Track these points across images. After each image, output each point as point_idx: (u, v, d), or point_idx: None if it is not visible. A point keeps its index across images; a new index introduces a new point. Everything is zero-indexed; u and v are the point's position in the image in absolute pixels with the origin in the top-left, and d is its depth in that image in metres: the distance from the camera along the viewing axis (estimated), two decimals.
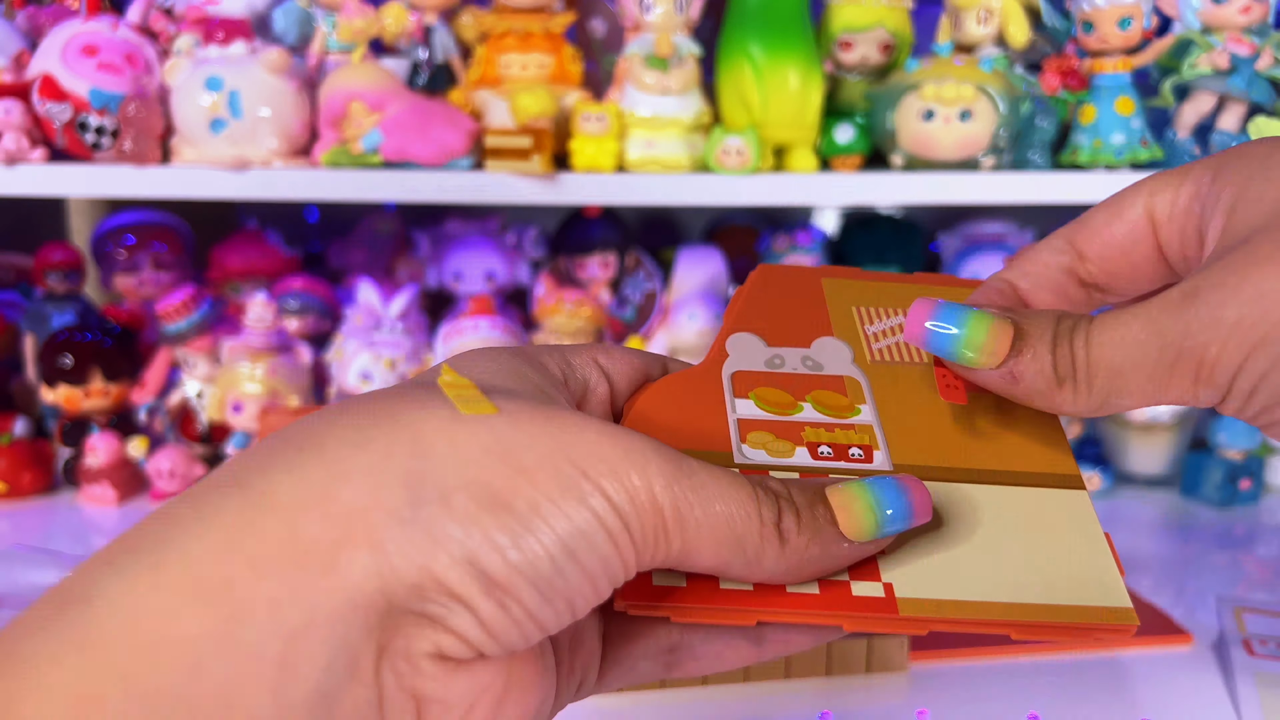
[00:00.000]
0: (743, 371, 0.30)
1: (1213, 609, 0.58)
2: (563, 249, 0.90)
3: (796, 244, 0.87)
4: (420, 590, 0.20)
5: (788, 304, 0.32)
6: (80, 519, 0.76)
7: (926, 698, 0.49)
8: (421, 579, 0.20)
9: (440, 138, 0.71)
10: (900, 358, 0.31)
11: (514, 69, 0.77)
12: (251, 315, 0.76)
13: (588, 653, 0.26)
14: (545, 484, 0.21)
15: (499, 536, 0.20)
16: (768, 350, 0.31)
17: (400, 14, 0.76)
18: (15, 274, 0.99)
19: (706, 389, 0.29)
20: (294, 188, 0.73)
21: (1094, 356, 0.25)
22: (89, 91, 0.72)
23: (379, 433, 0.21)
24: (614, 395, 0.28)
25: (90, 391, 0.78)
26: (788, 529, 0.23)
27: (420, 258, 0.92)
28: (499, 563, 0.20)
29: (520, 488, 0.21)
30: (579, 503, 0.21)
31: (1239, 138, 0.75)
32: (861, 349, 0.31)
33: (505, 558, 0.20)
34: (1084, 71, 0.76)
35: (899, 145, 0.74)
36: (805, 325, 0.32)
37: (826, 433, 0.28)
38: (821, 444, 0.28)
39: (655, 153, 0.74)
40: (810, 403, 0.29)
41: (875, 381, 0.30)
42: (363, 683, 0.19)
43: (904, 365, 0.31)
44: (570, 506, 0.21)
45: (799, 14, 0.74)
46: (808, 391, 0.29)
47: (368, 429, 0.21)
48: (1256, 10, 0.72)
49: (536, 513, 0.20)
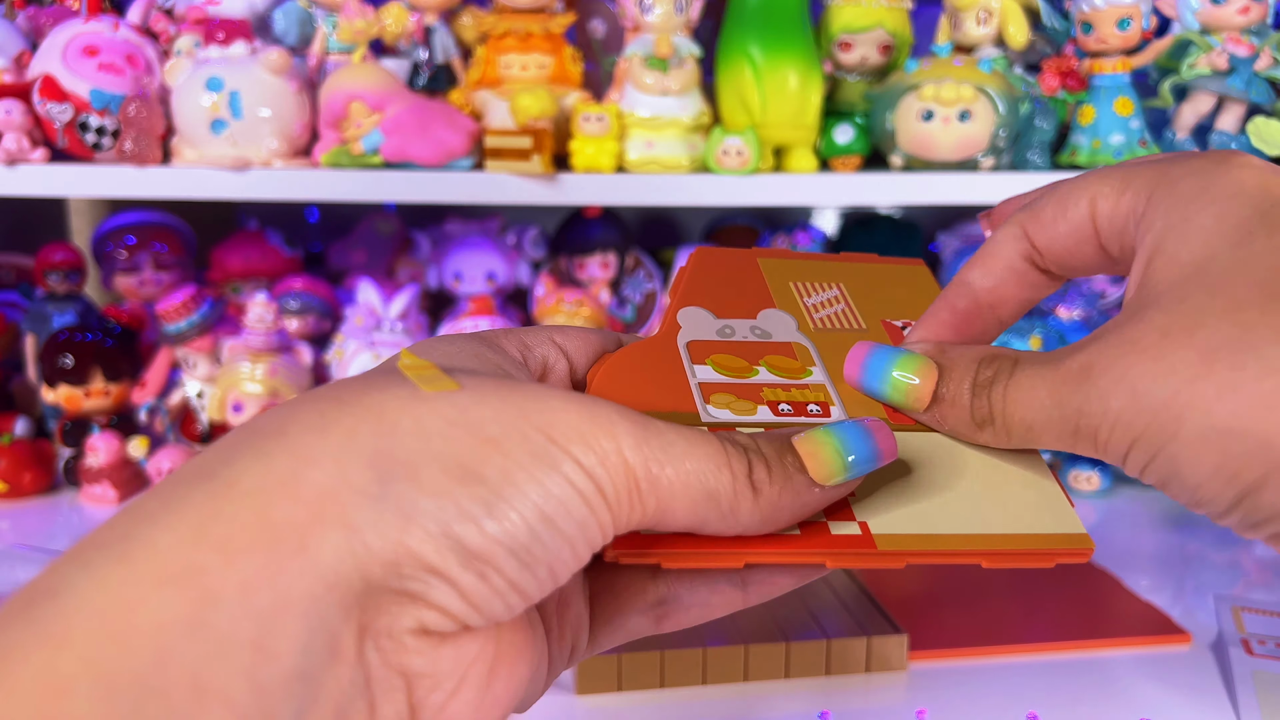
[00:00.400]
0: (697, 341, 0.31)
1: (1211, 608, 0.59)
2: (563, 249, 0.90)
3: (796, 244, 0.87)
4: (397, 567, 0.20)
5: (729, 281, 0.34)
6: (81, 519, 0.76)
7: (925, 697, 0.49)
8: (397, 555, 0.20)
9: (440, 138, 0.71)
10: (842, 325, 0.33)
11: (514, 69, 0.77)
12: (252, 315, 0.76)
13: (575, 616, 0.26)
14: (515, 453, 0.21)
15: (473, 507, 0.20)
16: (717, 322, 0.32)
17: (401, 15, 0.76)
18: (16, 274, 0.99)
19: (665, 357, 0.30)
20: (294, 188, 0.73)
21: (1009, 411, 0.26)
22: (90, 92, 0.73)
23: (342, 415, 0.21)
24: (573, 371, 0.29)
25: (91, 391, 0.79)
26: (759, 480, 0.23)
27: (421, 258, 0.92)
28: (475, 533, 0.20)
29: (490, 457, 0.21)
30: (551, 469, 0.21)
31: (1238, 138, 0.75)
32: (804, 319, 0.33)
33: (481, 528, 0.20)
34: (1083, 72, 0.76)
35: (898, 146, 0.74)
36: (749, 299, 0.33)
37: (784, 392, 0.30)
38: (780, 402, 0.29)
39: (655, 153, 0.74)
40: (765, 366, 0.31)
41: (822, 347, 0.32)
42: (346, 663, 0.19)
43: (847, 332, 0.33)
44: (542, 473, 0.21)
45: (798, 15, 0.74)
46: (761, 356, 0.31)
47: (331, 413, 0.21)
48: (1255, 11, 0.72)
49: (509, 481, 0.20)
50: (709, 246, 0.35)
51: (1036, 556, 0.27)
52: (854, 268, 0.35)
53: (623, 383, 0.29)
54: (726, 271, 0.34)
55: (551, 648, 0.25)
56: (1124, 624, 0.56)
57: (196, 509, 0.19)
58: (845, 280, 0.35)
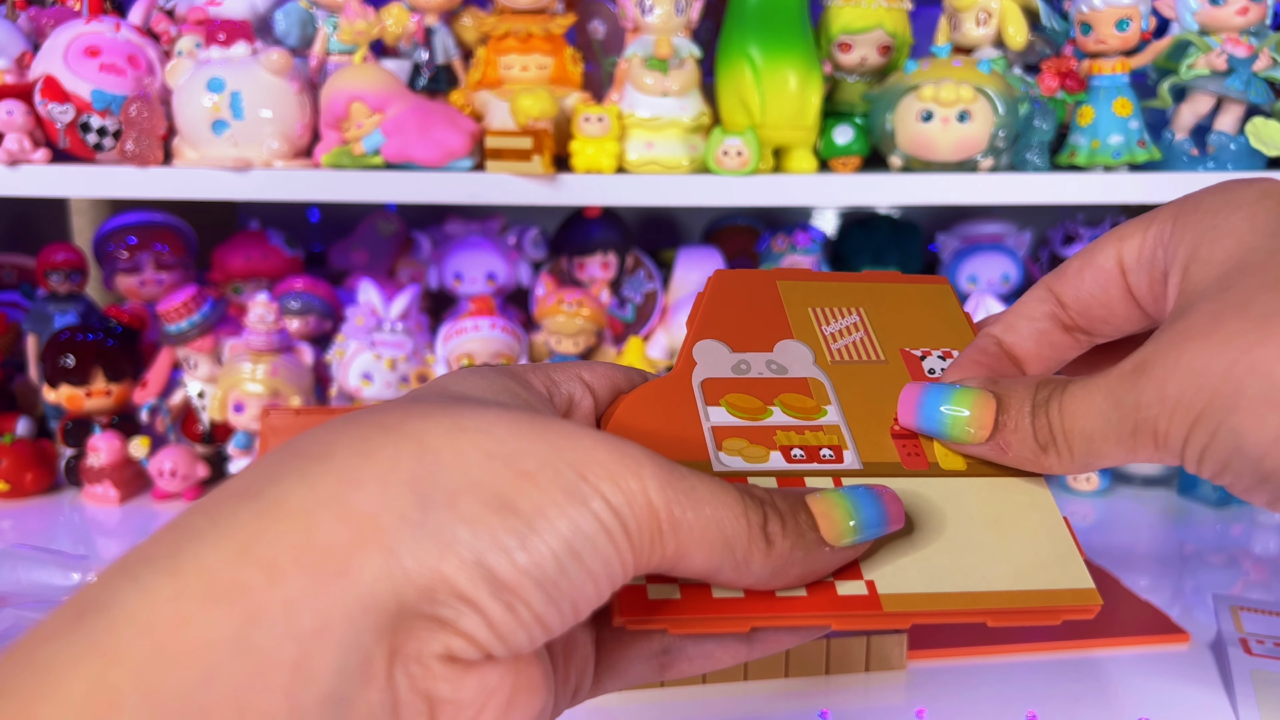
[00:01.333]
0: (712, 379, 0.31)
1: (1210, 608, 0.59)
2: (563, 249, 0.90)
3: (796, 245, 0.88)
4: (431, 592, 0.20)
5: (747, 308, 0.33)
6: (82, 518, 0.76)
7: (924, 697, 0.50)
8: (432, 581, 0.20)
9: (441, 139, 0.71)
10: (858, 357, 0.32)
11: (514, 70, 0.77)
12: (253, 315, 0.76)
13: (581, 659, 0.26)
14: (548, 487, 0.21)
15: (506, 538, 0.20)
16: (733, 356, 0.32)
17: (401, 15, 0.76)
18: (18, 274, 0.99)
19: (679, 398, 0.30)
20: (295, 189, 0.73)
21: (1068, 425, 0.26)
22: (91, 93, 0.73)
23: (385, 441, 0.21)
24: (598, 408, 0.29)
25: (92, 391, 0.79)
26: (773, 533, 0.24)
27: (421, 258, 0.93)
28: (507, 564, 0.20)
29: (524, 490, 0.21)
30: (581, 505, 0.21)
31: (1236, 139, 0.75)
32: (821, 350, 0.32)
33: (513, 559, 0.20)
34: (1082, 73, 0.76)
35: (897, 146, 0.74)
36: (766, 329, 0.33)
37: (797, 435, 0.29)
38: (794, 447, 0.29)
39: (655, 154, 0.74)
40: (779, 406, 0.30)
41: (837, 382, 0.31)
42: (376, 686, 0.20)
43: (863, 364, 0.32)
44: (573, 509, 0.21)
45: (798, 15, 0.74)
46: (775, 395, 0.30)
47: (375, 439, 0.21)
48: (1254, 12, 0.72)
49: (541, 515, 0.21)
50: (727, 270, 0.35)
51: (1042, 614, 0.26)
52: (875, 289, 0.35)
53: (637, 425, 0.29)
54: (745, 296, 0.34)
55: (557, 687, 0.25)
56: (1123, 624, 0.56)
57: (243, 527, 0.20)
58: (866, 304, 0.34)
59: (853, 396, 0.31)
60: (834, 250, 0.97)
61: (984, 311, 0.83)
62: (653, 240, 1.05)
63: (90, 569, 0.60)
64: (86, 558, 0.61)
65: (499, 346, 0.82)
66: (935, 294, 0.35)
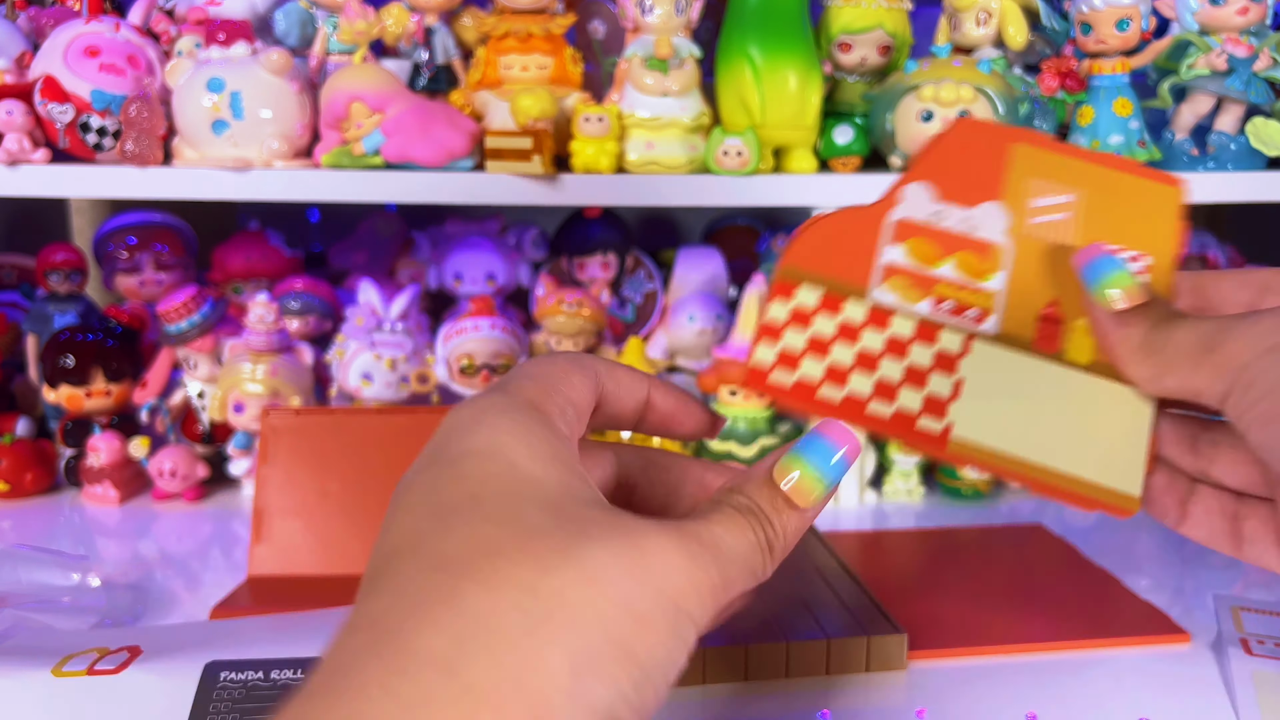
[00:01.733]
0: (906, 220, 0.34)
1: (1210, 608, 0.59)
2: (563, 250, 0.90)
3: None
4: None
5: (972, 162, 0.35)
6: (82, 518, 0.76)
7: (925, 696, 0.50)
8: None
9: (441, 139, 0.71)
10: (1053, 236, 0.34)
11: (514, 70, 0.77)
12: (253, 316, 0.76)
13: None
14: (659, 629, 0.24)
15: (629, 689, 0.23)
16: (935, 204, 0.34)
17: (401, 15, 0.76)
18: (17, 274, 0.99)
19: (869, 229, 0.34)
20: (295, 189, 0.73)
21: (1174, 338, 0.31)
22: (91, 92, 0.73)
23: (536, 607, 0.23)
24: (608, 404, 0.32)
25: (92, 391, 0.79)
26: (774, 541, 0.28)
27: (421, 259, 0.93)
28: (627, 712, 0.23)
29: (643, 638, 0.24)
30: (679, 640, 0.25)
31: (1237, 139, 0.75)
32: (1021, 219, 0.35)
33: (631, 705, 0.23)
34: (1082, 73, 0.76)
35: (898, 146, 0.74)
36: (979, 185, 0.35)
37: (957, 290, 0.33)
38: (947, 299, 0.33)
39: (655, 154, 0.74)
40: (955, 260, 0.34)
41: (1020, 253, 0.34)
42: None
43: (1054, 246, 0.34)
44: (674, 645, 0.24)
45: (798, 16, 0.74)
46: (955, 250, 0.34)
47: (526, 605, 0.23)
48: (1254, 12, 0.72)
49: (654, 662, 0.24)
50: (972, 119, 0.37)
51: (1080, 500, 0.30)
52: (1107, 174, 0.36)
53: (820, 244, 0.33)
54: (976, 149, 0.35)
55: None
56: (1123, 623, 0.56)
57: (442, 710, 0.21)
58: (1090, 187, 0.35)
59: (1025, 270, 0.33)
60: None
61: None
62: (653, 240, 1.05)
63: (90, 569, 0.60)
64: (86, 558, 0.61)
65: (499, 346, 0.82)
66: (1163, 195, 0.36)
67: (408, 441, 0.63)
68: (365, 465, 0.64)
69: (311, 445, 0.64)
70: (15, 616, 0.55)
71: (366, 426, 0.65)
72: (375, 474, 0.64)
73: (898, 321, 0.33)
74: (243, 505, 0.78)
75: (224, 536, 0.72)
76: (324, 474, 0.64)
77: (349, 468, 0.64)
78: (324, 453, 0.64)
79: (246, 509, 0.77)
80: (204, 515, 0.76)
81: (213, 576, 0.65)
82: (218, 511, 0.77)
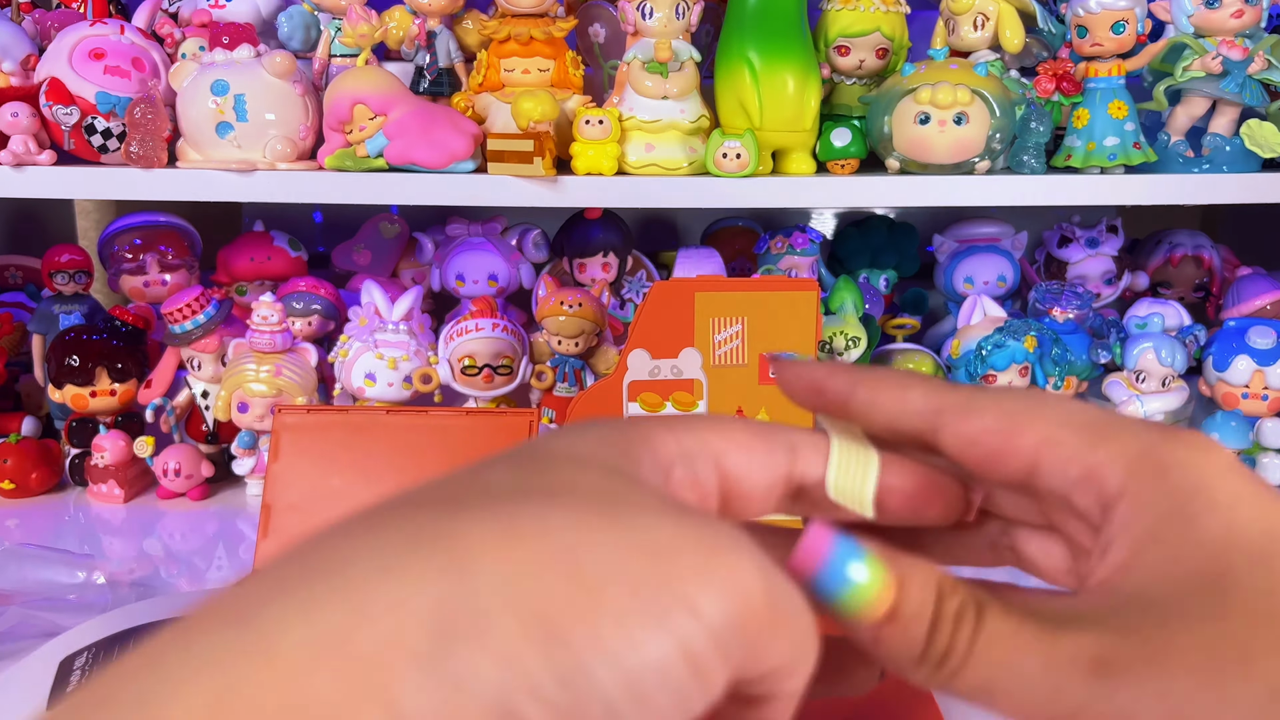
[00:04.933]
0: (635, 381, 0.44)
1: None
2: (564, 251, 0.91)
3: (794, 246, 0.88)
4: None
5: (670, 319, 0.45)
6: (87, 517, 0.77)
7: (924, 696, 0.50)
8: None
9: (443, 141, 0.72)
10: (731, 361, 0.44)
11: (516, 73, 0.78)
12: (257, 316, 0.77)
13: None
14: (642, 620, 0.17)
15: (543, 678, 0.16)
16: (651, 363, 0.45)
17: (404, 19, 0.77)
18: (23, 275, 1.00)
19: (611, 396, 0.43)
20: (299, 190, 0.73)
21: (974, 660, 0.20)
22: (96, 95, 0.73)
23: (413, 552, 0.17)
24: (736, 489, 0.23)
25: (97, 391, 0.79)
26: None
27: (424, 260, 0.93)
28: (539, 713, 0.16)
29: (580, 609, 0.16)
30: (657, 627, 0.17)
31: (1232, 141, 0.76)
32: (709, 355, 0.44)
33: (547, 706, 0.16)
34: (1078, 75, 0.77)
35: (895, 148, 0.75)
36: (677, 337, 0.45)
37: None
38: None
39: (655, 156, 0.75)
40: (671, 402, 0.42)
41: (712, 382, 0.43)
42: None
43: (733, 368, 0.44)
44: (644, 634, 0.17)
45: (796, 19, 0.75)
46: (671, 393, 0.43)
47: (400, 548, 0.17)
48: (1249, 15, 0.73)
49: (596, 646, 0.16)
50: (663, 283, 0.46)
51: None
52: (759, 298, 0.45)
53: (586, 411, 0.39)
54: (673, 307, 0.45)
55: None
56: None
57: (222, 671, 0.15)
58: (750, 312, 0.45)
59: (717, 395, 0.42)
60: (832, 252, 0.98)
61: (980, 312, 0.83)
62: (653, 241, 1.06)
63: (95, 567, 0.61)
64: (92, 556, 0.62)
65: (500, 347, 0.83)
66: (802, 300, 0.45)
67: (417, 441, 0.64)
68: (374, 464, 0.64)
69: (321, 443, 0.65)
70: (21, 614, 0.56)
71: (377, 426, 0.65)
72: (384, 473, 0.64)
73: None
74: (247, 504, 0.78)
75: (228, 535, 0.73)
76: (333, 472, 0.64)
77: (358, 466, 0.64)
78: (334, 451, 0.65)
79: (251, 508, 0.77)
80: (208, 514, 0.77)
81: (217, 574, 0.66)
82: (222, 510, 0.77)
